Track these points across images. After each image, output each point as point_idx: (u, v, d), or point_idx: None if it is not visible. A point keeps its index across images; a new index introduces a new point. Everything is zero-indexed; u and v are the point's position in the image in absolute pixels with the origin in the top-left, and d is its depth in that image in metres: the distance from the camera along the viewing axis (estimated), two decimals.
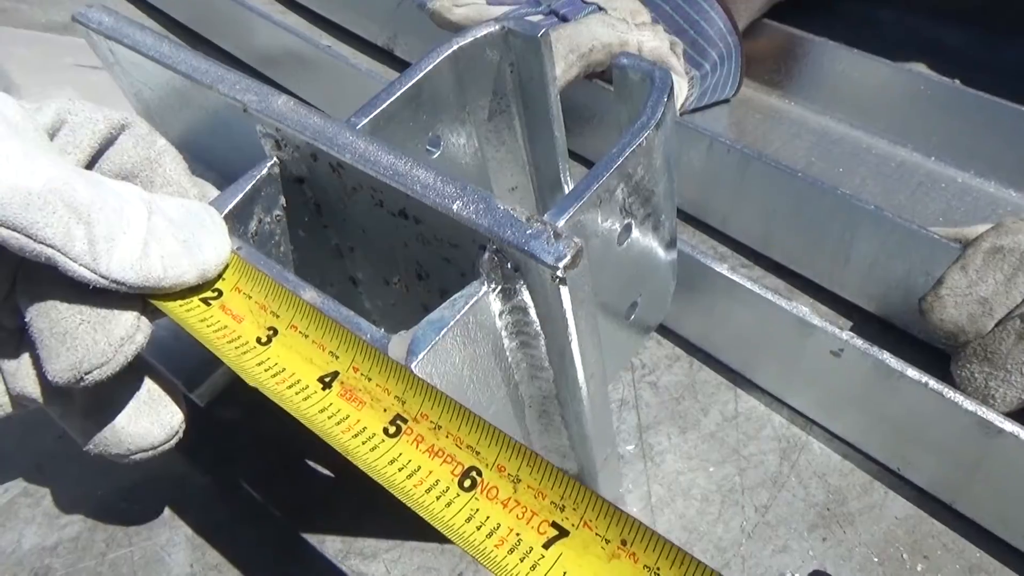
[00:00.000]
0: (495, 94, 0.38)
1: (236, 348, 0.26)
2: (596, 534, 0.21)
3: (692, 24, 0.59)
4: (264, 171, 0.34)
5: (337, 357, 0.26)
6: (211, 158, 0.47)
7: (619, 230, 0.32)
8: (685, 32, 0.59)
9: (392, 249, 0.35)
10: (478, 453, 0.23)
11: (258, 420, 0.45)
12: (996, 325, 0.40)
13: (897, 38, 0.68)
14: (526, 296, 0.28)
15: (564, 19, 0.56)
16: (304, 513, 0.41)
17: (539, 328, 0.29)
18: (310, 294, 0.29)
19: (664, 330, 0.47)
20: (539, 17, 0.58)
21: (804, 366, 0.42)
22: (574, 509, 0.22)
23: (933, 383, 0.37)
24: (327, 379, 0.25)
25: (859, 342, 0.38)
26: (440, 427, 0.24)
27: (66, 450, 0.44)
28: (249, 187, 0.33)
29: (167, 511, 0.42)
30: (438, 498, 0.22)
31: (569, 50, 0.52)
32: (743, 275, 0.42)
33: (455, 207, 0.28)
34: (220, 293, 0.28)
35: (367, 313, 0.42)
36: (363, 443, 0.24)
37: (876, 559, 0.38)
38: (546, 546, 0.21)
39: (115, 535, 0.41)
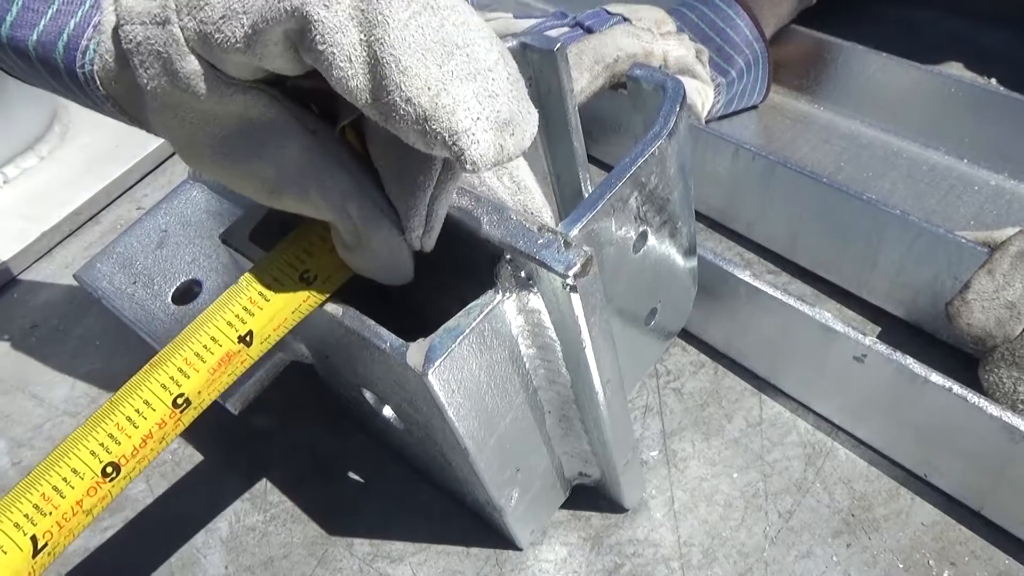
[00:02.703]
0: None
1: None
2: None
3: (718, 32, 0.59)
4: None
5: None
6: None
7: (634, 238, 0.33)
8: (711, 40, 0.59)
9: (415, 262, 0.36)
10: None
11: (290, 427, 0.47)
12: None
13: (931, 40, 0.67)
14: (540, 304, 0.29)
15: (589, 31, 0.57)
16: (334, 517, 0.42)
17: (554, 335, 0.30)
18: (330, 305, 0.30)
19: (688, 336, 0.48)
20: (565, 29, 0.59)
21: (828, 372, 0.41)
22: None
23: (957, 388, 0.36)
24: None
25: (882, 347, 0.38)
26: None
27: None
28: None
29: (203, 515, 0.43)
30: None
31: (595, 61, 0.53)
32: (768, 281, 0.42)
33: (469, 219, 0.29)
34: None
35: (396, 325, 0.43)
36: None
37: (902, 565, 0.38)
38: None
39: (153, 538, 0.43)
